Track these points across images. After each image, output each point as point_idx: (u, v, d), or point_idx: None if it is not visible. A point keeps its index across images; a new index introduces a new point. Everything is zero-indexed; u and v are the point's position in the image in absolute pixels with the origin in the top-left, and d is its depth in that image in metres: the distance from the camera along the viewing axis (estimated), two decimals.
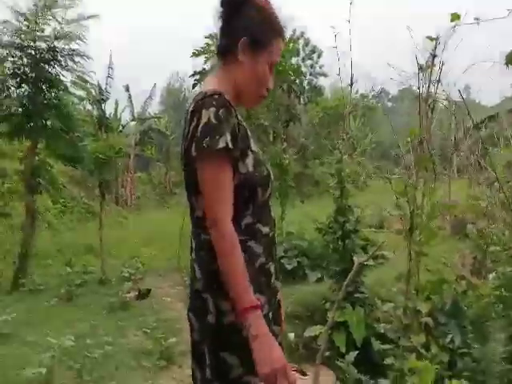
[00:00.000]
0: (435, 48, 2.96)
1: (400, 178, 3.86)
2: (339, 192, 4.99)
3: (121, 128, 19.07)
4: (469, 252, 5.74)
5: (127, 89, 20.31)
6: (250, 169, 1.27)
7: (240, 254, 1.17)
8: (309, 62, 25.58)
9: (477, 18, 2.69)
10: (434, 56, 3.00)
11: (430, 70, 3.06)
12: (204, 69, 7.72)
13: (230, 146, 1.19)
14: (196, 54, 7.52)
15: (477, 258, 5.51)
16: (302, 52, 23.71)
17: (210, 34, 7.39)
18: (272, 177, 1.33)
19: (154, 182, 22.38)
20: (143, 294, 5.67)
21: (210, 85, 1.30)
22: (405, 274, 3.33)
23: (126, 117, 20.84)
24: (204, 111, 1.19)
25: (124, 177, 19.41)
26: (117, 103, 18.37)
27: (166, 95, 42.98)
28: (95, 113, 17.75)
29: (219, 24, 1.37)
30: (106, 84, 18.09)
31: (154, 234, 10.04)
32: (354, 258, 4.29)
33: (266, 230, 1.31)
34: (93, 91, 17.22)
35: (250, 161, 1.27)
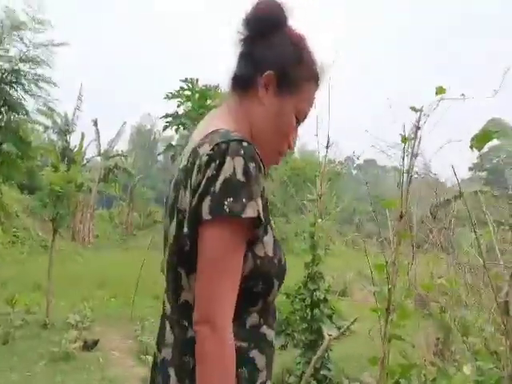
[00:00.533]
0: (419, 120, 2.95)
1: (380, 253, 3.77)
2: (311, 257, 4.86)
3: (84, 162, 18.62)
4: (432, 332, 5.64)
5: (95, 123, 20.02)
6: (270, 252, 0.93)
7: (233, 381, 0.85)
8: None
9: (463, 94, 2.73)
10: (417, 128, 2.98)
11: (412, 141, 3.04)
12: (176, 112, 7.61)
13: (262, 218, 0.87)
14: (169, 97, 7.43)
15: (439, 339, 5.41)
16: None
17: (186, 78, 7.35)
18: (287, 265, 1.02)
19: (115, 221, 21.69)
20: (89, 346, 5.19)
21: (223, 122, 0.97)
22: (378, 358, 3.15)
23: (91, 151, 20.48)
24: (228, 160, 0.86)
25: (84, 212, 18.73)
26: (83, 136, 18.03)
27: (136, 135, 42.96)
28: (59, 143, 17.35)
29: (239, 48, 1.05)
30: (74, 115, 17.81)
31: (109, 277, 9.52)
32: (324, 332, 4.09)
33: (271, 335, 0.99)
34: (59, 121, 16.98)
35: (269, 241, 0.94)
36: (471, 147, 2.52)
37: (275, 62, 1.00)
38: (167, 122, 7.54)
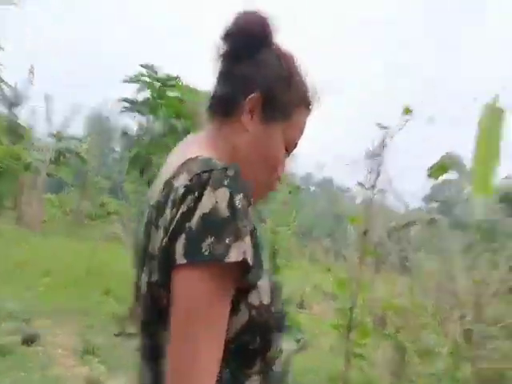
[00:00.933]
0: (384, 138, 2.94)
1: (342, 269, 3.74)
2: (270, 267, 4.77)
3: (33, 141, 17.47)
4: (390, 351, 5.67)
5: (47, 99, 18.51)
6: (266, 300, 0.78)
7: None
8: None
9: (431, 118, 2.76)
10: (383, 146, 2.97)
11: (378, 158, 3.02)
12: (135, 99, 7.29)
13: (250, 261, 0.71)
14: (128, 81, 7.12)
15: (396, 358, 5.44)
16: None
17: (146, 64, 7.07)
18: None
19: (64, 208, 20.73)
20: (29, 340, 4.82)
21: (201, 150, 0.83)
22: (338, 377, 3.10)
23: (41, 131, 19.18)
24: (209, 191, 0.71)
25: (31, 195, 17.74)
26: (33, 112, 16.84)
27: (92, 120, 41.55)
28: (5, 116, 15.98)
29: (218, 66, 0.91)
30: (24, 88, 16.43)
31: (57, 266, 8.97)
32: (283, 347, 3.99)
33: None
34: (5, 90, 15.62)
35: (264, 285, 0.79)
36: (428, 176, 2.56)
37: (262, 83, 0.87)
38: (124, 108, 7.22)
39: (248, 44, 0.87)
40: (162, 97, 7.07)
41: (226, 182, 0.72)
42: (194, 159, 0.78)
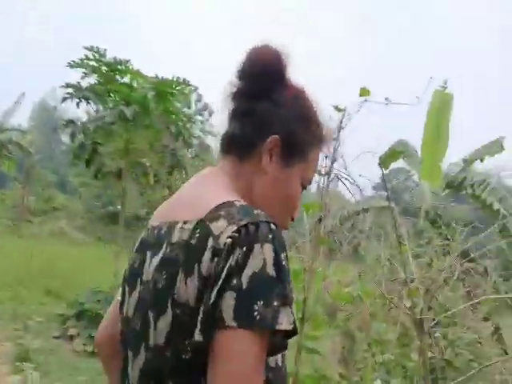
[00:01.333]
0: (342, 120, 2.82)
1: (298, 260, 3.63)
2: None
3: None
4: (338, 341, 5.67)
5: None
6: (280, 361, 0.79)
7: None
8: (199, 118, 25.88)
9: (387, 98, 2.65)
10: (340, 128, 2.85)
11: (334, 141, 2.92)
12: (79, 83, 6.71)
13: (297, 328, 0.71)
14: (72, 66, 6.53)
15: (345, 347, 5.45)
16: (193, 106, 23.77)
17: (91, 46, 6.46)
18: None
19: (6, 204, 19.65)
20: None
21: (227, 192, 0.80)
22: (292, 374, 2.97)
23: None
24: (258, 248, 0.69)
25: None
26: None
27: (38, 112, 39.85)
28: None
29: (231, 103, 0.87)
30: None
31: None
32: None
33: None
34: None
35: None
36: (379, 165, 2.48)
37: (281, 125, 0.85)
38: (68, 94, 6.64)
39: (265, 82, 0.84)
40: (109, 82, 6.60)
41: (270, 237, 0.70)
42: (231, 204, 0.74)
